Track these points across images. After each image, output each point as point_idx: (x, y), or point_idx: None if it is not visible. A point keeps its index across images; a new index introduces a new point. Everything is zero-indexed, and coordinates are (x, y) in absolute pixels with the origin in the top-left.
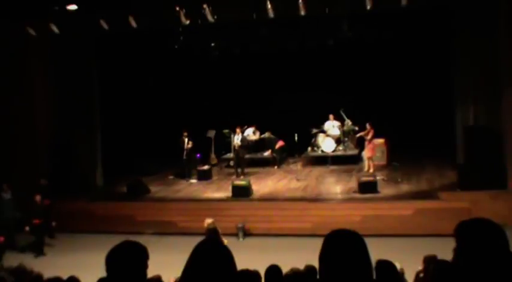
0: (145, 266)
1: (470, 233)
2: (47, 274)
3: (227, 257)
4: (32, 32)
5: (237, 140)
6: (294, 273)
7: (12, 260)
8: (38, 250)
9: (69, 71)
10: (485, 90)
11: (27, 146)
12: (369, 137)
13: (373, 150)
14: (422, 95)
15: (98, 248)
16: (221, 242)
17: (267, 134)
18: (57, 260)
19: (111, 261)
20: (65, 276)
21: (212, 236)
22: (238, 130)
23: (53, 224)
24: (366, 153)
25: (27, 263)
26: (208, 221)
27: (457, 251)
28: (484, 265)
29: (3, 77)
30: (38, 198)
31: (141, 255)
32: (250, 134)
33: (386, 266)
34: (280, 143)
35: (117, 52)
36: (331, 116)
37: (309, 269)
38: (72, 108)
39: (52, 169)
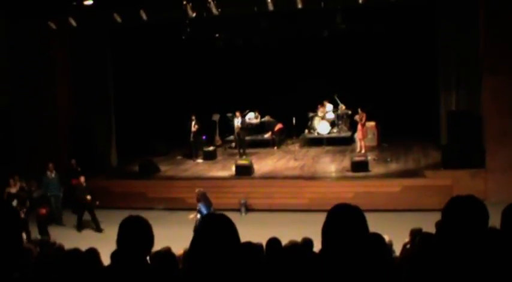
0: (148, 238)
1: (458, 209)
2: (68, 246)
3: (231, 229)
4: (52, 26)
5: (237, 123)
6: (292, 245)
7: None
8: (96, 227)
9: (87, 61)
10: (466, 78)
11: (50, 130)
12: (363, 121)
13: (365, 133)
14: (409, 82)
15: (113, 222)
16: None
17: (266, 118)
18: (78, 233)
19: (118, 234)
20: (83, 248)
21: (203, 200)
22: (238, 114)
23: (97, 203)
24: (358, 135)
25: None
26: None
27: (442, 225)
28: (464, 238)
29: (29, 67)
30: (82, 179)
31: (143, 228)
32: (252, 117)
33: (376, 239)
34: (279, 126)
35: (130, 43)
36: (325, 103)
37: (306, 241)
38: (90, 94)
39: (72, 150)
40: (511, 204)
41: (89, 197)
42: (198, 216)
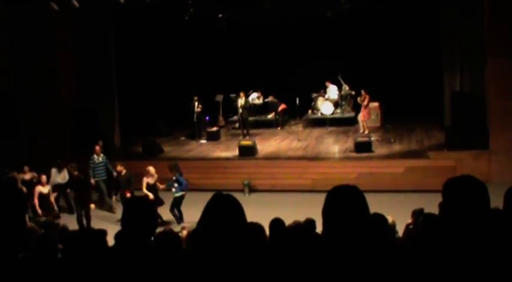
0: (152, 218)
1: (457, 189)
2: (72, 227)
3: (238, 209)
4: (55, 6)
5: (241, 103)
6: (296, 225)
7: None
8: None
9: (89, 42)
10: (471, 60)
11: (52, 111)
12: (365, 102)
13: (368, 114)
14: (413, 64)
15: (117, 202)
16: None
17: (270, 98)
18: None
19: (122, 215)
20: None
21: (178, 170)
22: (241, 94)
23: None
24: (361, 116)
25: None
26: (151, 168)
27: (443, 205)
28: (466, 218)
29: (31, 49)
30: (119, 168)
31: (147, 209)
32: (255, 98)
33: (378, 219)
34: (282, 106)
35: (133, 23)
36: (327, 83)
37: (309, 221)
38: (92, 75)
39: (75, 132)
40: None
41: (127, 192)
42: (176, 185)
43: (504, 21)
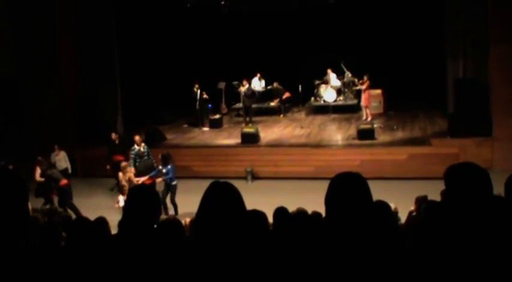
0: (155, 206)
1: (459, 176)
2: (74, 215)
3: (236, 197)
4: None
5: (244, 90)
6: (300, 213)
7: None
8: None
9: (91, 30)
10: (474, 46)
11: (55, 99)
12: (364, 87)
13: (369, 100)
14: (416, 50)
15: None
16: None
17: (275, 85)
18: (83, 202)
19: (125, 203)
20: (90, 217)
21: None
22: (245, 82)
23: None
24: (362, 103)
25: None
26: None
27: (446, 192)
28: (469, 205)
29: (33, 38)
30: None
31: (150, 197)
32: (256, 81)
33: (381, 206)
34: (287, 94)
35: (134, 11)
36: (328, 71)
37: (315, 214)
38: (95, 63)
39: (78, 119)
40: None
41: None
42: (170, 175)
43: (508, 7)
